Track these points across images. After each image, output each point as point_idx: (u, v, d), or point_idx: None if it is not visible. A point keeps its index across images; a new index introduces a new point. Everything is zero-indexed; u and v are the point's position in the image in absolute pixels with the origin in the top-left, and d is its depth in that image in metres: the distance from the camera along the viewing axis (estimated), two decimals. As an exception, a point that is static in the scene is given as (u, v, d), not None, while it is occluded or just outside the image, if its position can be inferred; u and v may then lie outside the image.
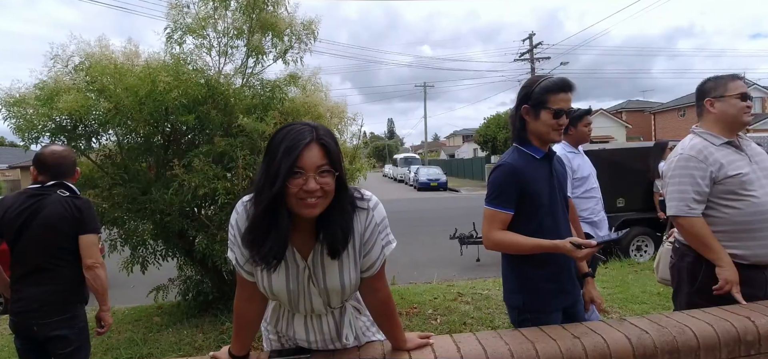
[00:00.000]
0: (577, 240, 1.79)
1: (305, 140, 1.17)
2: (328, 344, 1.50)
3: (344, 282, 1.35)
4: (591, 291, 2.16)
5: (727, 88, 2.05)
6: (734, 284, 1.91)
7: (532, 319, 1.89)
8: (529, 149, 1.92)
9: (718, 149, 2.04)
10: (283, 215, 1.19)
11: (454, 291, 5.23)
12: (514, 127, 1.96)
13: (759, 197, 1.94)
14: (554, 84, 1.85)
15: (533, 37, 21.59)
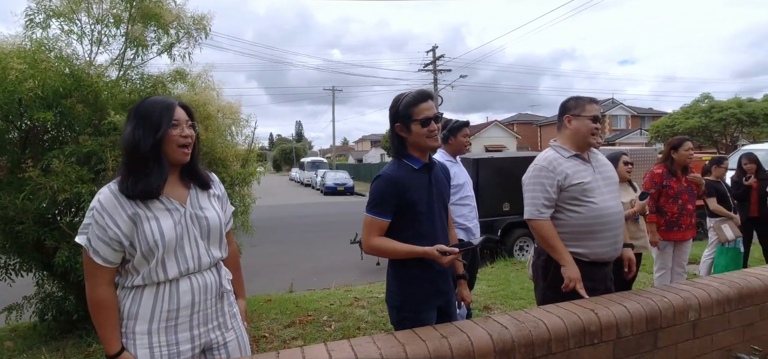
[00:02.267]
0: (442, 248, 1.89)
1: (175, 103, 1.55)
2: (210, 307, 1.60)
3: (220, 216, 1.65)
4: (462, 291, 2.34)
5: (584, 109, 2.32)
6: (577, 280, 2.16)
7: (410, 318, 2.00)
8: (408, 161, 2.02)
9: (566, 161, 2.30)
10: (162, 158, 1.49)
11: (350, 296, 5.25)
12: (393, 145, 2.04)
13: (597, 204, 2.23)
14: (414, 98, 1.98)
15: (436, 49, 22.80)
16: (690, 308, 2.18)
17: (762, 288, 2.43)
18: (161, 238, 1.46)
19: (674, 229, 4.07)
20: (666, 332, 2.13)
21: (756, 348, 2.32)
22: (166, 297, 1.50)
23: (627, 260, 2.45)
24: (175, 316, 1.51)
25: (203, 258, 1.57)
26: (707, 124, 26.41)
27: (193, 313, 1.54)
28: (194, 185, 1.62)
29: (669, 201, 4.01)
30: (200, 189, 1.64)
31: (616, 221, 2.27)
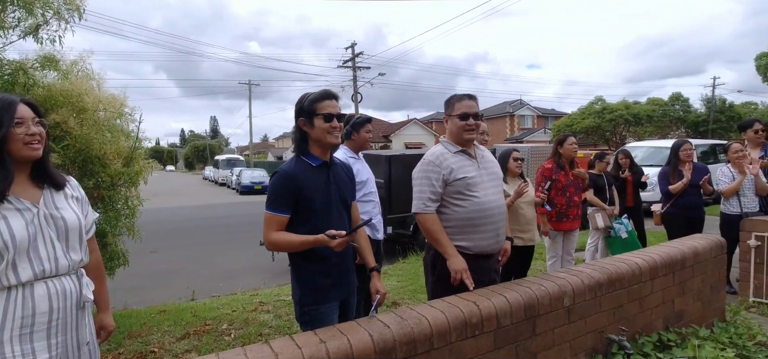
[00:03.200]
0: (331, 232, 1.89)
1: (17, 100, 1.47)
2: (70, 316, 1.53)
3: (80, 217, 1.59)
4: (375, 283, 2.28)
5: (454, 108, 2.36)
6: (463, 271, 2.19)
7: (310, 312, 2.03)
8: (307, 158, 2.04)
9: (452, 156, 2.34)
10: (6, 159, 1.42)
11: (256, 301, 4.99)
12: (296, 140, 2.07)
13: (480, 198, 2.28)
14: (320, 95, 2.03)
15: (355, 46, 22.81)
16: (565, 294, 2.31)
17: (629, 272, 2.65)
18: (12, 238, 1.40)
19: (563, 220, 4.37)
20: (543, 318, 2.23)
21: (623, 329, 2.52)
22: (18, 302, 1.42)
23: (502, 251, 2.55)
24: (31, 323, 1.43)
25: (61, 261, 1.51)
26: (600, 124, 29.29)
27: (51, 321, 1.47)
28: (47, 186, 1.55)
29: (558, 194, 4.31)
30: (54, 189, 1.57)
31: (498, 214, 2.34)
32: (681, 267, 2.96)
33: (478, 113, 2.38)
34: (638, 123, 29.12)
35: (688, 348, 2.73)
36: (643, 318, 2.76)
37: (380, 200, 3.58)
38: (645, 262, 2.75)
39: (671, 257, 2.89)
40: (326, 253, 1.98)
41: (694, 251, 3.06)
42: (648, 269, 2.75)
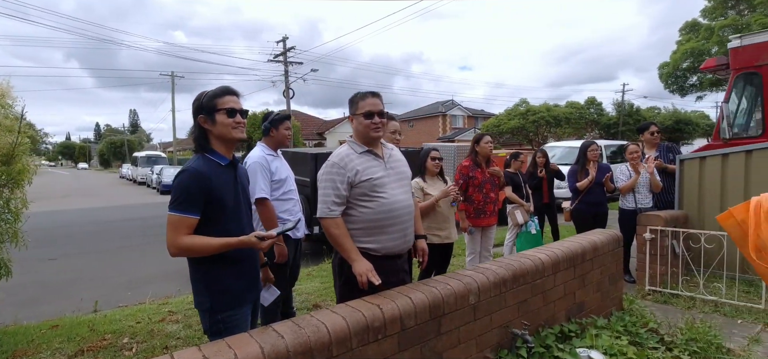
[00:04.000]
0: (260, 233, 1.88)
1: None
2: None
3: None
4: (267, 275, 2.40)
5: (358, 107, 2.30)
6: (368, 271, 2.13)
7: (224, 320, 1.94)
8: (214, 157, 1.96)
9: (358, 157, 2.26)
10: None
11: (164, 310, 4.63)
12: (197, 138, 1.98)
13: (387, 198, 2.23)
14: (219, 90, 1.96)
15: (287, 40, 22.19)
16: (470, 292, 2.32)
17: (533, 267, 2.74)
18: None
19: (481, 216, 4.49)
20: (449, 317, 2.22)
21: (525, 323, 2.60)
22: None
23: (420, 251, 2.53)
24: None
25: None
26: (524, 124, 30.97)
27: None
28: None
29: (475, 190, 4.41)
30: None
31: (405, 215, 2.30)
32: (581, 261, 3.12)
33: (383, 111, 2.32)
34: (558, 124, 31.15)
35: (587, 338, 2.88)
36: (547, 311, 2.87)
37: (306, 199, 3.47)
38: (548, 257, 2.86)
39: (572, 252, 3.04)
40: (239, 255, 1.95)
41: (593, 246, 3.24)
42: (551, 264, 2.86)
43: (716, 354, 3.05)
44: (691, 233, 4.52)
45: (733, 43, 5.98)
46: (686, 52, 23.54)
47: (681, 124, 32.36)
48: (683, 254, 4.46)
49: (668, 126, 32.11)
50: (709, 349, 3.07)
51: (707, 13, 24.58)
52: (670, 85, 26.14)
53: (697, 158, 4.92)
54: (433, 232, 3.88)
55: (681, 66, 24.20)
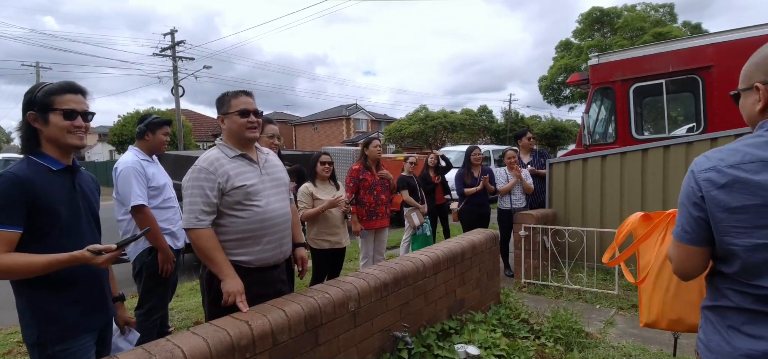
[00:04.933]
0: (95, 247, 1.60)
1: None
2: None
3: None
4: (123, 315, 2.03)
5: (230, 106, 2.14)
6: (237, 294, 1.97)
7: (56, 355, 1.66)
8: (43, 160, 1.67)
9: (230, 161, 2.09)
10: None
11: (13, 340, 3.94)
12: (24, 138, 1.70)
13: (262, 207, 2.09)
14: (58, 86, 1.69)
15: (175, 33, 20.46)
16: (350, 299, 2.28)
17: (414, 269, 2.79)
18: None
19: (373, 218, 4.52)
20: (327, 327, 2.16)
21: (405, 325, 2.64)
22: None
23: (300, 260, 2.43)
24: None
25: None
26: (424, 129, 32.38)
27: None
28: None
29: (366, 193, 4.44)
30: None
31: (282, 224, 2.19)
32: (461, 260, 3.27)
33: (259, 110, 2.19)
34: (454, 130, 33.09)
35: (465, 334, 3.02)
36: (429, 311, 2.96)
37: None
38: (429, 258, 2.94)
39: (452, 252, 3.17)
40: (73, 276, 1.66)
41: (472, 245, 3.42)
42: (432, 264, 2.95)
43: (577, 338, 3.39)
44: (558, 230, 5.02)
45: (592, 61, 6.81)
46: (561, 67, 26.51)
47: (558, 131, 36.31)
48: (552, 249, 4.93)
49: (547, 133, 35.86)
50: (570, 334, 3.40)
51: (578, 34, 27.98)
52: (548, 97, 29.28)
53: (563, 162, 5.49)
54: (323, 238, 3.81)
55: (556, 80, 27.16)
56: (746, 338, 1.09)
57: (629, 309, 4.16)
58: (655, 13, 26.41)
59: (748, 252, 1.07)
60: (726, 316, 1.15)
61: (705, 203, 1.13)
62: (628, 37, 24.80)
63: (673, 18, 26.24)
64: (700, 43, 6.15)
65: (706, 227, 1.14)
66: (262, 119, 2.30)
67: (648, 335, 3.58)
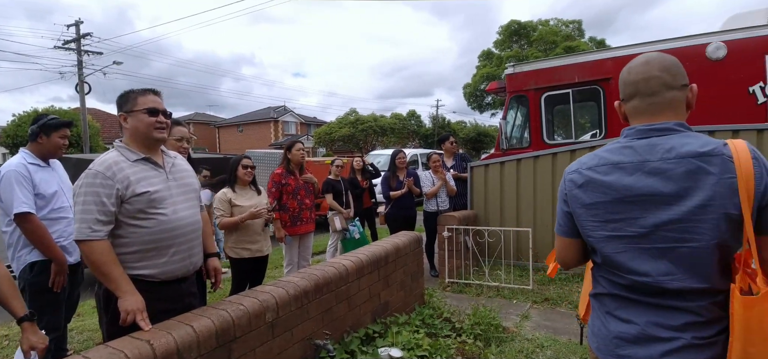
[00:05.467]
0: None
1: None
2: None
3: None
4: (30, 338, 1.80)
5: (136, 103, 1.97)
6: (137, 312, 1.80)
7: None
8: None
9: (131, 165, 1.91)
10: None
11: None
12: None
13: (167, 215, 1.93)
14: None
15: (81, 24, 18.54)
16: (267, 309, 2.19)
17: (337, 275, 2.75)
18: None
19: (297, 223, 4.41)
20: (242, 341, 2.05)
21: (327, 332, 2.59)
22: None
23: (212, 271, 2.29)
24: None
25: None
26: (354, 133, 32.45)
27: None
28: None
29: (289, 197, 4.32)
30: None
31: (191, 233, 2.04)
32: (385, 263, 3.29)
33: (167, 111, 2.03)
34: (384, 134, 33.54)
35: (389, 337, 3.04)
36: (353, 316, 2.93)
37: None
38: (352, 263, 2.92)
39: (376, 255, 3.18)
40: None
41: (396, 248, 3.45)
42: (355, 269, 2.93)
43: (495, 333, 3.55)
44: (478, 230, 5.24)
45: (509, 70, 7.23)
46: (483, 75, 27.97)
47: (481, 136, 38.14)
48: (473, 248, 5.13)
49: (472, 137, 37.53)
50: (489, 330, 3.55)
51: (498, 44, 29.69)
52: (472, 103, 30.74)
53: (482, 166, 5.75)
54: (242, 246, 3.64)
55: (479, 87, 28.56)
56: (618, 322, 1.20)
57: (542, 302, 4.44)
58: (565, 28, 28.76)
59: (602, 243, 1.20)
60: (603, 302, 1.26)
61: (569, 200, 1.27)
62: (543, 49, 26.77)
63: (581, 33, 28.77)
64: (600, 56, 6.77)
65: (572, 221, 1.28)
66: (171, 121, 2.14)
67: (559, 326, 3.85)
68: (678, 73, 1.19)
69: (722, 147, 1.08)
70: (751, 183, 1.02)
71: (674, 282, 1.09)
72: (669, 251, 1.10)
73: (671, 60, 1.20)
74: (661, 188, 1.11)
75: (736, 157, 1.05)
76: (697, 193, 1.07)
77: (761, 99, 5.46)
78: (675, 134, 1.15)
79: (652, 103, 1.20)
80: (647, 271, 1.13)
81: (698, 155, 1.08)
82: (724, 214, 1.04)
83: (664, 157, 1.12)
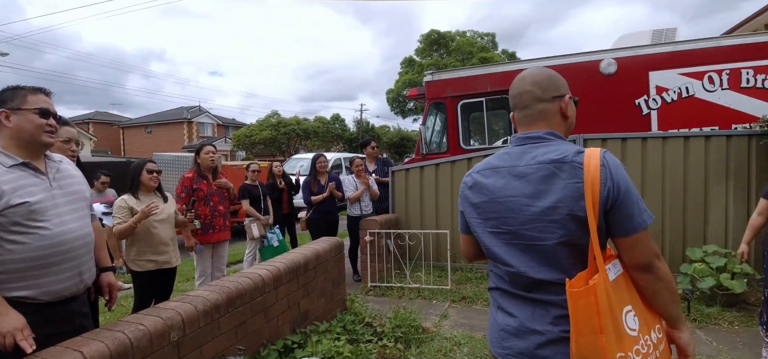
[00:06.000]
0: None
1: None
2: None
3: None
4: None
5: (26, 101, 1.73)
6: (17, 331, 1.56)
7: None
8: None
9: (7, 172, 1.66)
10: None
11: None
12: None
13: (51, 229, 1.70)
14: None
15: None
16: (171, 328, 2.01)
17: (252, 286, 2.61)
18: None
19: (209, 231, 4.15)
20: (141, 364, 1.86)
21: (240, 348, 2.45)
22: None
23: (106, 287, 2.05)
24: None
25: None
26: (276, 136, 31.54)
27: None
28: None
29: (201, 204, 4.06)
30: None
31: (81, 248, 1.81)
32: (304, 271, 3.20)
33: (58, 115, 1.81)
34: (307, 137, 33.02)
35: (309, 346, 2.95)
36: (270, 328, 2.81)
37: None
38: (269, 272, 2.80)
39: (295, 263, 3.07)
40: None
41: (316, 254, 3.38)
42: (272, 278, 2.81)
43: (415, 335, 3.61)
44: (400, 233, 5.32)
45: (427, 77, 7.47)
46: (405, 82, 28.64)
47: (405, 140, 39.03)
48: (395, 252, 5.20)
49: (395, 142, 38.27)
50: (410, 331, 3.60)
51: (419, 52, 30.61)
52: (395, 108, 31.36)
53: (403, 170, 5.87)
54: (146, 258, 3.33)
55: (402, 93, 29.22)
56: (504, 315, 1.29)
57: (460, 301, 4.61)
58: (480, 40, 30.44)
59: (484, 238, 1.31)
60: (494, 297, 1.36)
61: (461, 200, 1.41)
62: (460, 59, 28.08)
63: (495, 46, 30.61)
64: (510, 68, 7.24)
65: (465, 219, 1.40)
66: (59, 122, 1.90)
67: (475, 323, 4.01)
68: (549, 87, 1.28)
69: (575, 155, 1.16)
70: (597, 188, 1.10)
71: (539, 274, 1.18)
72: (532, 247, 1.20)
73: (544, 75, 1.30)
74: (523, 189, 1.21)
75: (586, 164, 1.13)
76: (548, 195, 1.16)
77: (645, 111, 6.18)
78: (543, 142, 1.25)
79: (526, 114, 1.30)
80: (517, 265, 1.22)
81: (553, 161, 1.18)
82: (571, 215, 1.13)
83: (528, 162, 1.22)
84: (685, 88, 6.02)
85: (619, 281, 1.14)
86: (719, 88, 5.89)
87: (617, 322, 1.09)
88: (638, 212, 1.12)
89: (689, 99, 6.01)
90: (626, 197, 1.12)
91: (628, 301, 1.13)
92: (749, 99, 5.77)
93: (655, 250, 1.15)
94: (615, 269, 1.15)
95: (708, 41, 6.10)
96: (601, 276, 1.09)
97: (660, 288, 1.16)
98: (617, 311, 1.09)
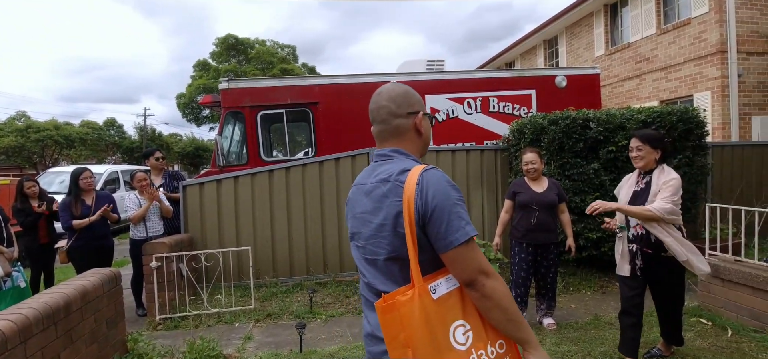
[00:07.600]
0: None
1: None
2: None
3: None
4: None
5: None
6: None
7: None
8: None
9: None
10: None
11: None
12: None
13: None
14: None
15: None
16: None
17: None
18: None
19: None
20: None
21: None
22: None
23: None
24: None
25: None
26: (25, 143, 25.04)
27: None
28: None
29: None
30: None
31: None
32: (66, 314, 2.58)
33: None
34: (71, 146, 27.23)
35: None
36: (11, 397, 2.16)
37: None
38: (11, 323, 2.15)
39: (51, 306, 2.45)
40: None
41: (82, 292, 2.77)
42: (18, 331, 2.17)
43: (216, 365, 3.31)
44: (194, 254, 4.83)
45: (223, 85, 7.02)
46: (199, 86, 26.40)
47: (200, 150, 35.96)
48: (188, 276, 4.69)
49: (189, 152, 34.90)
50: (209, 363, 3.28)
51: (215, 56, 28.68)
52: (188, 115, 28.58)
53: (197, 184, 5.36)
54: None
55: (195, 98, 26.88)
56: (365, 320, 1.32)
57: (265, 319, 4.45)
58: (281, 51, 30.42)
59: (352, 248, 1.36)
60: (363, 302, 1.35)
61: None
62: (261, 67, 27.51)
63: (295, 58, 31.01)
64: (310, 82, 7.43)
65: None
66: None
67: (281, 340, 3.92)
68: (403, 103, 1.30)
69: (398, 174, 1.21)
70: (412, 205, 1.16)
71: (383, 286, 1.22)
72: (373, 261, 1.25)
73: (399, 90, 1.32)
74: (367, 206, 1.27)
75: (407, 182, 1.18)
76: (380, 213, 1.23)
77: (423, 127, 7.19)
78: (388, 160, 1.29)
79: (382, 129, 1.33)
80: (368, 276, 1.27)
81: (383, 180, 1.23)
82: (395, 232, 1.19)
83: (372, 180, 1.28)
84: (452, 110, 7.24)
85: (453, 295, 1.15)
86: (475, 111, 7.29)
87: (438, 337, 1.09)
88: (453, 228, 1.12)
89: (454, 120, 7.24)
90: (438, 213, 1.12)
91: (459, 316, 1.13)
92: (496, 121, 7.32)
93: (482, 267, 1.13)
94: (448, 283, 1.15)
95: (467, 73, 7.52)
96: (416, 291, 1.11)
97: (489, 306, 1.13)
98: (440, 326, 1.10)
